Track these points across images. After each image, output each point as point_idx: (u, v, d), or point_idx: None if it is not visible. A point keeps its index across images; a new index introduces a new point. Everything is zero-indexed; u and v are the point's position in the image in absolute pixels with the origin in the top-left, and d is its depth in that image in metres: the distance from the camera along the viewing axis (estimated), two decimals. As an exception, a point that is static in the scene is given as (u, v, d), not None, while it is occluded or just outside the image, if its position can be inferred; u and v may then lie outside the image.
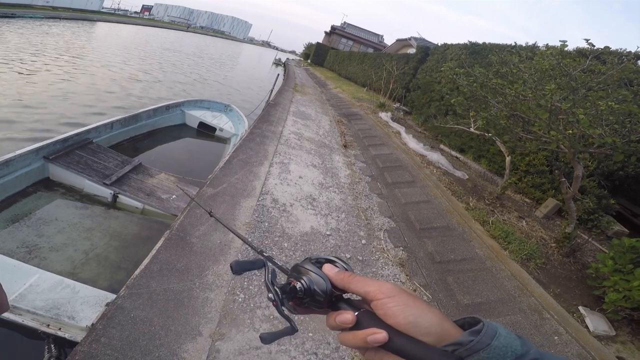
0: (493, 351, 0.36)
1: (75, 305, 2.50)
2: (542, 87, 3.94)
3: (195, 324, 2.27)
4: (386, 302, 0.43)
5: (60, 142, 4.68)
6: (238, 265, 0.57)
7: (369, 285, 0.46)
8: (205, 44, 49.94)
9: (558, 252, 4.43)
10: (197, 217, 3.36)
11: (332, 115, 11.32)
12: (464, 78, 5.51)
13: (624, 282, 3.20)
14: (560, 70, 3.81)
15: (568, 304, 3.51)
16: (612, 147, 3.33)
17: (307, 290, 0.49)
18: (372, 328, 0.42)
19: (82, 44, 17.58)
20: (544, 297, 3.49)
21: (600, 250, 4.75)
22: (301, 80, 20.99)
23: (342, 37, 45.61)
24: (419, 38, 23.95)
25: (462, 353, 0.37)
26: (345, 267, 0.53)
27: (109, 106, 8.92)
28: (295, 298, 0.50)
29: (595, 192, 5.46)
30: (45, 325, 2.31)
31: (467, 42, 10.04)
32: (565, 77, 3.76)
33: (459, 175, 6.76)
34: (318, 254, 0.58)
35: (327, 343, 2.47)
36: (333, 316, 0.47)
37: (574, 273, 4.11)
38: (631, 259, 3.26)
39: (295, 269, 0.53)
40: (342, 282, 0.49)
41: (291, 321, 0.53)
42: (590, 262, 4.28)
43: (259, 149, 5.86)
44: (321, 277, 0.50)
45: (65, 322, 2.37)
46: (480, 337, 0.37)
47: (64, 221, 3.83)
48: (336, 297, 0.50)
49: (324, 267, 0.52)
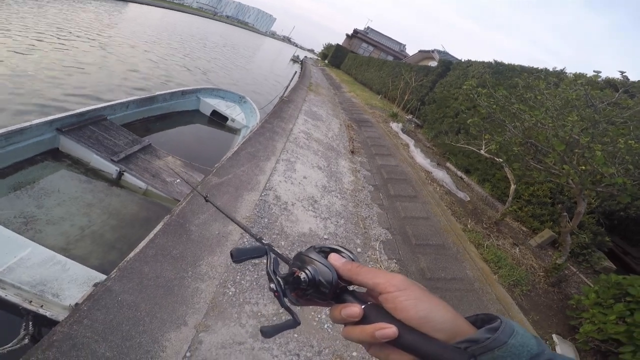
0: (509, 350, 0.34)
1: (63, 283, 2.42)
2: (564, 117, 3.84)
3: (181, 313, 2.29)
4: (397, 295, 0.41)
5: (75, 117, 4.73)
6: (238, 252, 0.55)
7: (378, 277, 0.44)
8: (229, 33, 50.14)
9: (544, 281, 4.52)
10: (199, 205, 3.40)
11: (343, 119, 11.33)
12: (485, 99, 5.40)
13: (601, 315, 3.27)
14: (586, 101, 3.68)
15: (544, 331, 3.61)
16: (621, 188, 3.29)
17: (312, 280, 0.47)
18: (381, 322, 0.40)
19: (111, 23, 17.76)
20: (522, 322, 3.57)
21: (585, 283, 4.82)
22: (316, 80, 21.02)
23: (363, 41, 45.60)
24: (442, 51, 23.88)
25: (477, 350, 0.35)
26: (351, 258, 0.50)
27: (128, 86, 9.03)
28: (298, 289, 0.48)
29: (592, 228, 5.46)
30: (27, 302, 2.23)
31: (492, 61, 9.78)
32: (589, 109, 3.65)
33: (461, 196, 6.76)
34: (322, 243, 0.56)
35: (310, 346, 2.48)
36: (338, 309, 0.45)
37: (555, 302, 4.20)
38: (614, 294, 3.31)
39: (298, 258, 0.50)
40: (350, 272, 0.47)
41: (293, 313, 0.51)
42: (573, 293, 4.38)
43: (268, 144, 5.90)
44: (327, 267, 0.47)
45: (49, 300, 2.28)
46: (497, 335, 0.35)
47: (65, 194, 3.85)
48: (341, 288, 0.48)
49: (330, 257, 0.49)
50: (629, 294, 3.14)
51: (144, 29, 19.55)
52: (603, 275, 3.57)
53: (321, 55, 61.82)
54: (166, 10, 43.09)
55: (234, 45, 35.20)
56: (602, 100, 3.69)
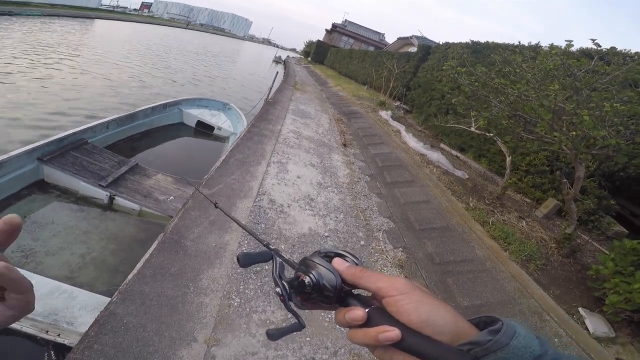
0: (511, 351, 0.35)
1: (74, 311, 2.48)
2: (545, 87, 3.88)
3: (189, 329, 2.23)
4: (399, 299, 0.41)
5: (55, 143, 4.62)
6: (245, 257, 0.55)
7: (381, 281, 0.44)
8: (205, 42, 49.74)
9: (558, 253, 4.38)
10: (192, 219, 3.32)
11: (332, 114, 11.26)
12: (466, 77, 5.44)
13: (624, 284, 3.16)
14: (565, 70, 3.75)
15: (568, 306, 3.46)
16: (615, 149, 3.28)
17: (316, 285, 0.47)
18: (384, 325, 0.40)
19: (79, 42, 17.46)
20: (544, 298, 3.45)
21: (600, 251, 4.70)
22: (301, 78, 20.92)
23: (343, 35, 45.50)
24: (420, 37, 23.82)
25: (479, 353, 0.36)
26: (355, 262, 0.51)
27: (105, 105, 8.86)
28: (303, 293, 0.49)
29: (595, 192, 5.41)
30: (44, 332, 2.29)
31: (469, 41, 9.94)
32: (570, 78, 3.70)
33: (459, 175, 6.70)
34: (327, 248, 0.53)
35: (325, 347, 2.43)
36: (342, 312, 0.45)
37: (574, 274, 4.07)
38: (632, 261, 3.22)
39: (303, 263, 0.51)
40: (353, 277, 0.47)
41: (299, 317, 0.51)
42: (590, 263, 4.25)
43: (257, 148, 5.81)
44: (331, 272, 0.48)
45: (64, 328, 2.35)
46: (499, 337, 0.36)
47: (59, 224, 3.79)
48: (345, 292, 0.48)
49: (333, 261, 0.50)
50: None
51: (116, 45, 19.29)
52: (616, 241, 3.50)
53: (304, 53, 61.69)
54: (136, 24, 42.55)
55: (212, 52, 34.98)
56: (579, 68, 3.72)
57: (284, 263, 0.56)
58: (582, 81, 3.55)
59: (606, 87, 3.61)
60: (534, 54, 5.85)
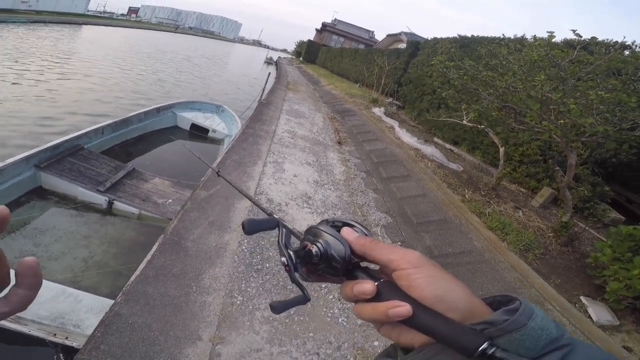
0: (528, 333, 0.33)
1: (80, 314, 2.52)
2: (531, 78, 3.95)
3: (194, 328, 2.25)
4: (411, 272, 0.39)
5: (51, 149, 4.62)
6: (250, 224, 0.51)
7: (393, 253, 0.42)
8: (195, 45, 49.50)
9: (556, 242, 4.41)
10: (191, 221, 3.33)
11: (326, 112, 11.30)
12: (454, 71, 5.52)
13: (624, 270, 3.15)
14: (549, 61, 3.82)
15: (569, 294, 3.45)
16: (604, 135, 3.35)
17: (324, 254, 0.45)
18: (394, 300, 0.38)
19: (67, 49, 17.28)
20: (544, 287, 3.45)
21: (598, 238, 4.71)
22: (293, 78, 20.92)
23: (333, 33, 45.54)
24: (409, 33, 23.91)
25: (493, 333, 0.34)
26: (364, 232, 0.48)
27: (98, 111, 8.82)
28: (309, 263, 0.46)
29: (589, 179, 5.49)
30: (52, 335, 2.33)
31: (457, 36, 10.09)
32: (554, 68, 3.77)
33: (453, 168, 6.77)
34: (335, 217, 0.52)
35: (328, 342, 2.47)
36: (350, 285, 0.43)
37: (573, 262, 4.07)
38: (629, 247, 3.21)
39: (310, 232, 0.49)
40: (363, 247, 0.44)
41: (304, 289, 0.48)
42: (588, 250, 4.24)
43: (252, 149, 5.83)
44: (340, 241, 0.45)
45: (72, 331, 2.39)
46: (516, 317, 0.34)
47: (60, 229, 3.81)
48: (353, 264, 0.46)
49: (342, 231, 0.47)
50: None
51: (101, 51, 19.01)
52: (613, 227, 3.50)
53: (295, 53, 61.59)
54: (124, 29, 42.12)
55: (203, 55, 34.82)
56: (563, 58, 3.80)
57: (290, 233, 0.53)
58: (567, 71, 3.62)
59: (591, 76, 3.67)
60: (520, 46, 5.95)
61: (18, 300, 0.37)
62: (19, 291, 0.37)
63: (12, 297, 0.37)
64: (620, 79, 3.49)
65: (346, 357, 2.40)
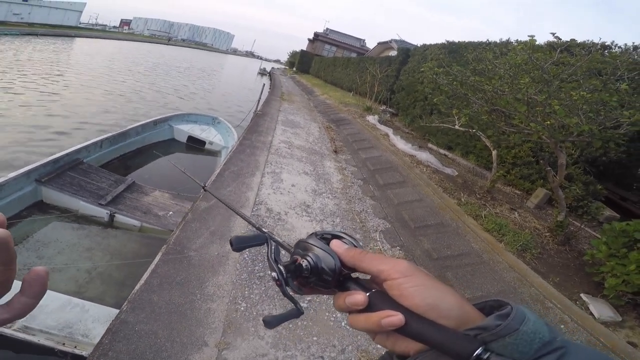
0: (521, 337, 0.33)
1: (87, 323, 2.57)
2: (517, 81, 4.07)
3: (200, 334, 2.30)
4: (402, 282, 0.39)
5: (51, 164, 4.68)
6: (238, 240, 0.51)
7: (383, 264, 0.42)
8: (189, 57, 49.81)
9: (553, 241, 4.45)
10: (192, 231, 3.39)
11: (321, 122, 11.43)
12: (444, 77, 5.64)
13: (620, 266, 3.17)
14: (533, 64, 3.93)
15: (569, 292, 3.46)
16: (589, 134, 3.45)
17: (314, 268, 0.45)
18: (387, 310, 0.39)
19: (60, 61, 17.38)
20: (544, 286, 3.46)
21: (594, 236, 4.74)
22: (287, 88, 21.12)
23: (326, 43, 46.01)
24: (399, 40, 24.28)
25: (487, 338, 0.34)
26: (354, 243, 0.49)
27: (95, 124, 8.90)
28: (300, 277, 0.46)
29: (581, 178, 5.58)
30: (61, 344, 2.38)
31: (445, 42, 10.26)
32: (538, 71, 3.89)
33: (448, 172, 6.87)
34: (324, 229, 0.53)
35: (332, 345, 2.51)
36: (342, 297, 0.43)
37: (571, 261, 4.10)
38: (624, 242, 3.23)
39: (299, 245, 0.49)
40: (353, 259, 0.45)
41: (296, 303, 0.48)
42: (585, 249, 4.27)
43: (250, 160, 5.91)
44: (329, 254, 0.45)
45: (80, 340, 2.43)
46: (508, 322, 0.34)
47: (62, 242, 3.86)
48: (344, 276, 0.46)
49: (332, 243, 0.47)
50: (638, 240, 3.09)
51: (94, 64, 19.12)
52: (607, 225, 3.53)
53: (288, 63, 62.04)
54: (117, 42, 42.22)
55: (197, 67, 35.06)
56: (546, 61, 3.92)
57: (279, 247, 0.54)
58: (550, 73, 3.73)
59: (573, 77, 3.80)
60: (505, 50, 6.11)
61: (20, 308, 0.36)
62: (22, 299, 0.37)
63: (14, 304, 0.36)
64: (601, 79, 3.61)
65: (350, 359, 2.45)
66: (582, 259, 3.99)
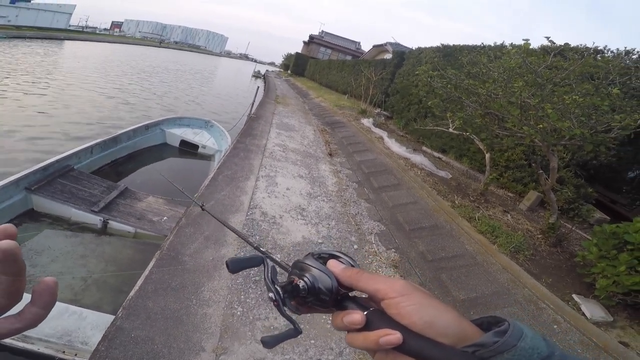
0: (519, 353, 0.33)
1: (86, 331, 2.54)
2: (511, 85, 4.12)
3: (197, 340, 2.29)
4: (399, 300, 0.40)
5: (41, 171, 4.61)
6: (234, 263, 0.52)
7: (379, 283, 0.43)
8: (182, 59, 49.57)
9: (545, 243, 4.50)
10: (187, 236, 3.37)
11: (316, 125, 11.45)
12: (438, 80, 5.69)
13: (610, 267, 3.22)
14: (527, 67, 3.98)
15: (562, 293, 3.52)
16: (581, 138, 3.50)
17: (311, 288, 0.45)
18: (385, 329, 0.39)
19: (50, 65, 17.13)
20: (537, 287, 3.51)
21: (585, 238, 4.80)
22: (282, 91, 21.14)
23: (321, 45, 46.12)
24: (394, 43, 24.39)
25: (485, 354, 0.34)
26: (350, 263, 0.49)
27: (86, 130, 8.79)
28: (297, 297, 0.47)
29: (572, 182, 5.67)
30: (61, 352, 2.36)
31: (440, 45, 10.32)
32: (532, 74, 3.94)
33: (442, 175, 6.92)
34: (321, 249, 0.53)
35: (330, 348, 2.51)
36: (340, 316, 0.43)
37: (562, 262, 4.15)
38: (614, 244, 3.28)
39: (296, 266, 0.49)
40: (350, 279, 0.45)
41: (294, 322, 0.49)
42: (577, 250, 4.31)
43: (244, 163, 5.90)
44: (326, 274, 0.46)
45: (80, 348, 2.41)
46: (505, 338, 0.34)
47: (56, 250, 3.79)
48: (342, 295, 0.46)
49: (328, 263, 0.48)
50: (628, 242, 3.13)
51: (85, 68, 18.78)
52: (597, 227, 3.58)
53: (283, 66, 62.00)
54: (108, 44, 41.71)
55: (190, 70, 34.91)
56: (539, 64, 3.97)
57: (275, 267, 0.54)
58: (543, 77, 3.79)
59: (566, 81, 3.85)
60: (500, 53, 6.19)
61: (31, 318, 0.37)
62: (33, 309, 0.37)
63: (26, 314, 0.37)
64: (593, 83, 3.67)
65: (348, 362, 2.46)
66: (574, 260, 4.03)
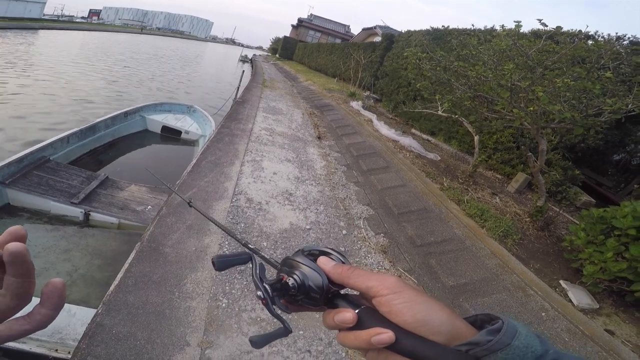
0: (512, 351, 0.33)
1: (76, 327, 2.48)
2: (501, 67, 4.06)
3: (180, 334, 2.22)
4: (391, 298, 0.39)
5: (14, 164, 4.38)
6: (220, 261, 0.50)
7: (371, 280, 0.41)
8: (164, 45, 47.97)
9: (533, 227, 4.51)
10: (168, 226, 3.26)
11: (304, 108, 11.26)
12: (427, 62, 5.61)
13: (598, 253, 3.19)
14: (517, 50, 3.93)
15: (549, 279, 3.50)
16: (571, 121, 3.47)
17: (301, 286, 0.44)
18: (376, 327, 0.38)
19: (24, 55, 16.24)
20: (525, 273, 3.49)
21: (572, 222, 4.83)
22: (270, 75, 20.71)
23: (310, 29, 45.34)
24: (383, 26, 24.05)
25: (478, 353, 0.34)
26: (341, 260, 0.48)
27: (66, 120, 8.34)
28: (287, 295, 0.45)
29: (560, 164, 5.71)
30: (54, 351, 2.30)
31: (430, 28, 10.19)
32: (523, 57, 3.89)
33: (431, 157, 6.89)
34: (311, 245, 0.49)
35: (319, 339, 2.47)
36: (331, 315, 0.43)
37: (550, 247, 4.15)
38: (601, 229, 3.26)
39: (285, 263, 0.48)
40: (340, 276, 0.44)
41: (284, 321, 0.47)
42: (564, 234, 4.31)
43: (229, 148, 5.74)
44: (316, 272, 0.45)
45: (73, 345, 2.32)
46: (499, 337, 0.34)
47: (37, 245, 3.63)
48: (333, 293, 0.45)
49: (318, 260, 0.47)
50: (615, 227, 3.10)
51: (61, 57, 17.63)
52: (585, 211, 3.56)
53: (271, 50, 60.96)
54: (86, 33, 39.78)
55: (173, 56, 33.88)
56: (530, 47, 3.92)
57: (264, 264, 0.52)
58: (534, 60, 3.74)
59: (557, 65, 3.81)
60: (490, 36, 6.11)
61: (41, 319, 0.37)
62: (42, 310, 0.37)
63: (35, 316, 0.37)
64: (584, 67, 3.62)
65: (337, 352, 2.41)
66: (561, 244, 4.02)
